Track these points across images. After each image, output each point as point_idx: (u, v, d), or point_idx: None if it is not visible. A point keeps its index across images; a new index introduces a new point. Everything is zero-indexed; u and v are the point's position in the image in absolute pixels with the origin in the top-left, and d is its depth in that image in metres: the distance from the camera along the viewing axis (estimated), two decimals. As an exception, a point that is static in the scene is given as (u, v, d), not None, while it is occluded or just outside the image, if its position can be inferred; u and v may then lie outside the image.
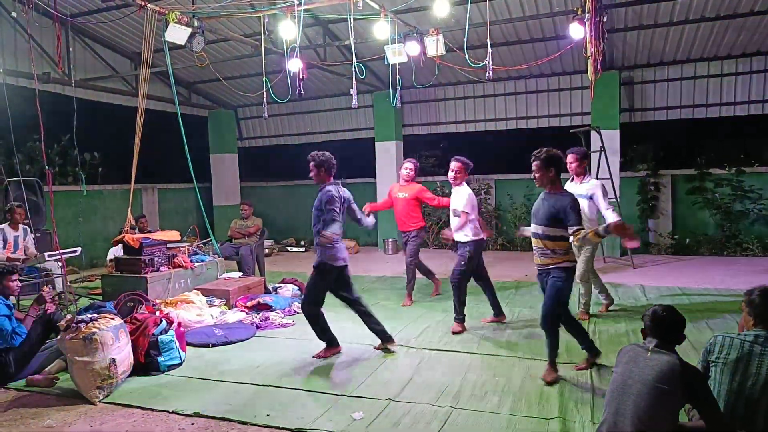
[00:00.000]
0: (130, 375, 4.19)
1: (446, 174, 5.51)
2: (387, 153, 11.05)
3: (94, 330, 3.89)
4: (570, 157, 5.36)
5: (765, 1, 7.42)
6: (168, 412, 3.64)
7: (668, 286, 6.99)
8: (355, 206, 4.82)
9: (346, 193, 4.69)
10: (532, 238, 4.09)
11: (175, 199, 12.09)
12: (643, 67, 9.60)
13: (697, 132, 11.27)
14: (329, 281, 4.60)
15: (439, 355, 4.64)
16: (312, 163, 4.57)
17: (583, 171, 5.48)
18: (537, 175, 3.93)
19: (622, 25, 8.36)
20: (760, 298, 2.65)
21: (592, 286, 5.66)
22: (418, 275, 6.60)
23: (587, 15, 5.44)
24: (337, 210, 4.48)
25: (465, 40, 6.11)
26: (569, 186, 5.42)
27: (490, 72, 5.92)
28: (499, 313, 5.56)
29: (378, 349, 4.75)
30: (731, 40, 8.55)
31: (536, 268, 4.13)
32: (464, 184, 5.37)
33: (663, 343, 2.65)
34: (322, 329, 4.64)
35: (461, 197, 5.26)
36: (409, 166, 6.47)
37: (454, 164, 5.36)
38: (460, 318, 5.28)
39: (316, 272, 4.56)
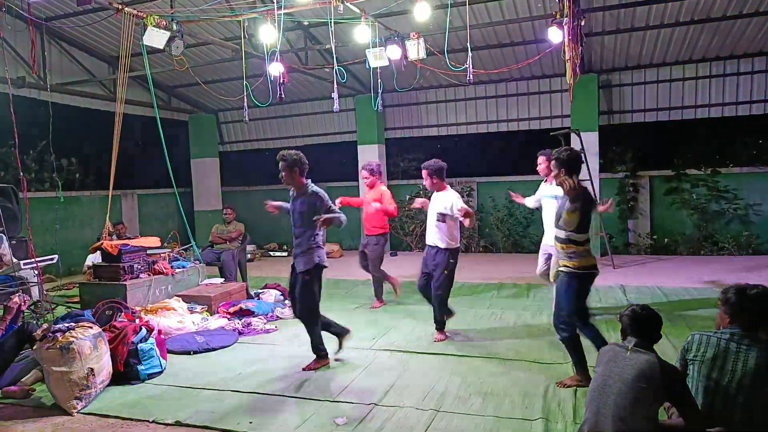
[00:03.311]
0: (109, 384, 4.11)
1: None
2: (369, 157, 11.01)
3: (72, 339, 3.81)
4: (539, 159, 5.41)
5: (737, 6, 7.60)
6: (148, 421, 3.58)
7: (648, 285, 7.09)
8: None
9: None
10: None
11: (155, 205, 11.93)
12: (621, 70, 9.76)
13: (673, 134, 11.47)
14: (321, 281, 4.51)
15: (423, 358, 4.64)
16: (283, 163, 4.33)
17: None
18: (552, 175, 3.96)
19: (600, 29, 8.49)
20: (735, 296, 2.70)
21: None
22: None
23: (565, 19, 5.50)
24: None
25: (446, 43, 6.14)
26: (542, 187, 5.48)
27: (471, 75, 5.96)
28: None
29: (305, 369, 4.48)
30: (705, 44, 8.73)
31: None
32: (448, 188, 5.12)
33: (642, 342, 2.69)
34: (319, 339, 4.51)
35: (450, 199, 4.94)
36: (362, 173, 6.40)
37: (423, 173, 5.13)
38: (441, 327, 5.16)
39: (311, 276, 4.37)
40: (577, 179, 3.75)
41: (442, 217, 4.97)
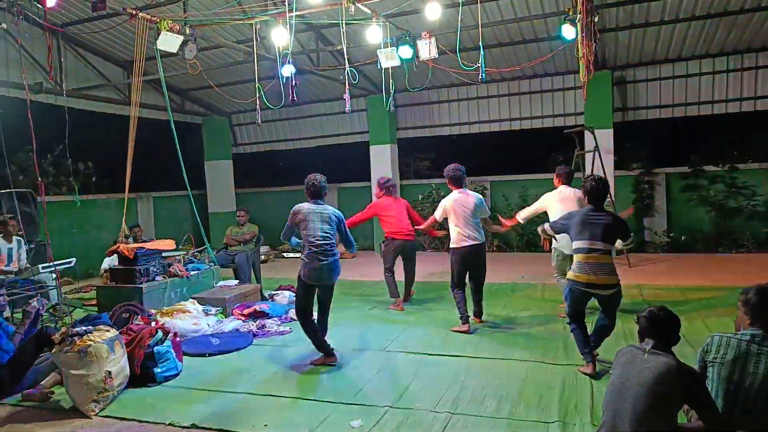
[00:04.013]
0: (126, 387, 4.15)
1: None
2: (382, 157, 11.04)
3: (89, 343, 3.85)
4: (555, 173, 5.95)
5: (755, -1, 7.47)
6: (165, 424, 3.61)
7: (665, 284, 6.99)
8: (344, 227, 4.84)
9: (329, 210, 4.73)
10: None
11: (170, 207, 12.04)
12: (636, 66, 9.63)
13: (690, 129, 11.32)
14: (307, 292, 4.63)
15: (437, 360, 4.62)
16: None
17: (560, 183, 5.81)
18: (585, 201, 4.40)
19: (613, 25, 8.38)
20: (757, 297, 2.64)
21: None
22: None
23: (578, 16, 5.44)
24: (292, 224, 4.74)
25: (457, 42, 6.11)
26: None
27: (483, 74, 5.92)
28: (478, 313, 5.64)
29: (313, 364, 4.60)
30: (722, 38, 8.58)
31: None
32: (454, 191, 5.53)
33: (659, 344, 2.65)
34: (314, 339, 4.63)
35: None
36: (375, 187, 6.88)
37: None
38: (464, 318, 5.33)
39: (297, 280, 4.70)
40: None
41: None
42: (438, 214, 5.56)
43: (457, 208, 5.38)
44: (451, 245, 5.44)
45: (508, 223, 5.82)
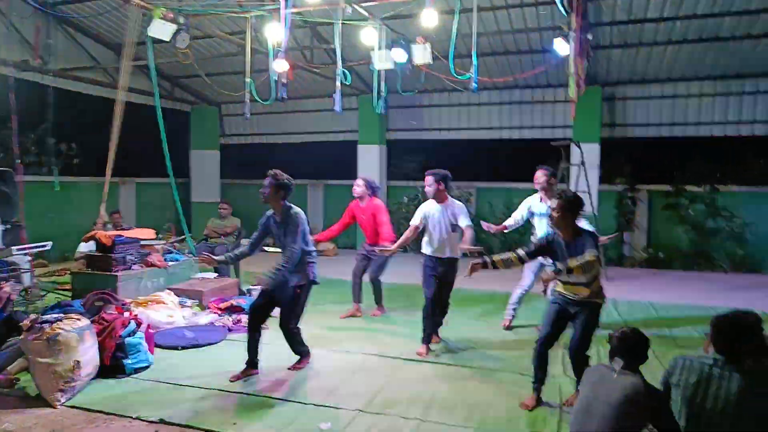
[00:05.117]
0: (95, 377, 4.10)
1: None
2: (370, 157, 11.03)
3: (59, 331, 3.79)
4: (539, 172, 5.44)
5: (745, 27, 7.59)
6: (132, 418, 3.56)
7: (640, 300, 7.07)
8: None
9: None
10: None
11: (153, 194, 11.89)
12: (626, 84, 9.74)
13: (675, 149, 11.46)
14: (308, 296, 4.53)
15: (412, 365, 4.63)
16: (271, 181, 4.27)
17: (551, 189, 5.45)
18: (555, 215, 3.70)
19: (607, 43, 8.48)
20: (722, 323, 2.68)
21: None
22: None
23: (572, 33, 5.48)
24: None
25: (451, 51, 6.10)
26: (533, 203, 5.64)
27: (475, 84, 5.92)
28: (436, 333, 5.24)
29: (292, 369, 4.50)
30: (711, 63, 8.73)
31: (557, 293, 3.92)
32: (451, 198, 5.15)
33: (629, 365, 2.70)
34: (300, 343, 4.55)
35: (463, 212, 5.07)
36: (359, 182, 6.13)
37: (428, 179, 5.06)
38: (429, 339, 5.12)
39: (302, 291, 4.38)
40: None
41: (457, 228, 5.01)
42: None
43: None
44: (460, 255, 5.12)
45: None
